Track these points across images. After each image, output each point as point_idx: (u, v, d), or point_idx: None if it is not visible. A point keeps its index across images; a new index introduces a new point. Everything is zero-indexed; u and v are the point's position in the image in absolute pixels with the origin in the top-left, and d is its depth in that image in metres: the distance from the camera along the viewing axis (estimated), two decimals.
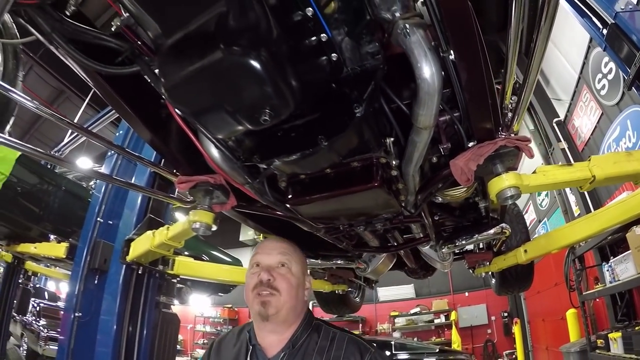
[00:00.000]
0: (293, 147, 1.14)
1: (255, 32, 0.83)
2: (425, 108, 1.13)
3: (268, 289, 1.42)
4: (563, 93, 7.87)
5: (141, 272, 3.22)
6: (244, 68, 0.84)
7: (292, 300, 1.45)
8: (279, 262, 1.49)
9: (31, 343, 10.35)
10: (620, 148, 5.70)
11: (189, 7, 0.86)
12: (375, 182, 1.36)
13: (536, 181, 1.60)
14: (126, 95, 1.34)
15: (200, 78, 0.90)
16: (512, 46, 1.07)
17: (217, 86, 0.91)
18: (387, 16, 1.02)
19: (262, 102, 0.93)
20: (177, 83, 0.94)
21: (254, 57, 0.83)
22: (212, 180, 1.54)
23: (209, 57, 0.86)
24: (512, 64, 1.12)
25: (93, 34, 1.12)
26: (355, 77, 1.17)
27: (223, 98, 0.95)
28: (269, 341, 1.46)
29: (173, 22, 0.90)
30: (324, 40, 1.07)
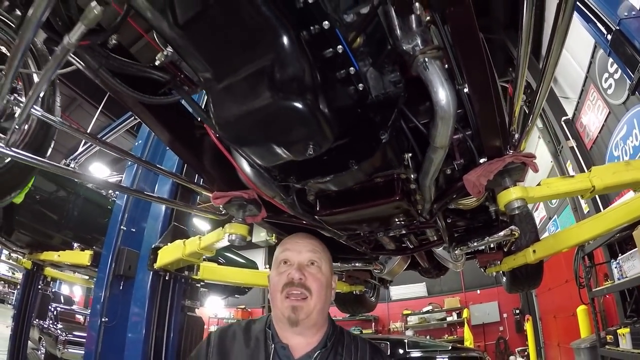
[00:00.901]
0: (327, 170, 1.29)
1: (298, 80, 0.98)
2: (441, 130, 1.28)
3: (299, 289, 1.37)
4: (571, 91, 7.93)
5: (168, 278, 3.39)
6: (291, 111, 1.00)
7: (321, 302, 1.40)
8: (309, 260, 1.44)
9: (49, 347, 10.55)
10: (628, 146, 5.78)
11: (239, 59, 1.01)
12: (397, 196, 1.51)
13: (540, 193, 1.74)
14: (166, 121, 1.48)
15: (249, 118, 1.05)
16: (519, 83, 1.21)
17: (266, 125, 1.07)
18: (408, 49, 1.13)
19: (307, 138, 1.09)
20: (228, 121, 1.10)
21: (298, 101, 0.98)
22: (246, 195, 1.70)
23: (258, 101, 1.01)
24: (519, 93, 1.26)
25: (137, 67, 1.23)
26: (379, 103, 1.32)
27: (271, 135, 1.10)
28: (295, 342, 1.39)
29: (225, 70, 1.05)
30: (352, 73, 1.22)
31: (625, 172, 1.77)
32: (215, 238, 2.31)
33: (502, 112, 1.39)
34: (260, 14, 0.91)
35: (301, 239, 1.53)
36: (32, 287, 6.63)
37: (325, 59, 1.14)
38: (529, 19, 1.10)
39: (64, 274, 7.57)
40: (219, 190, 1.75)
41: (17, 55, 0.87)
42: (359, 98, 1.29)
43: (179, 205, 3.60)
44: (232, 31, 0.96)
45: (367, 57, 1.29)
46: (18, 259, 6.62)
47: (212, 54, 1.03)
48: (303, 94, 0.98)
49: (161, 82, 1.28)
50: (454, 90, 1.19)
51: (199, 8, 0.90)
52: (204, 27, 0.94)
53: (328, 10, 1.02)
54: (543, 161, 9.89)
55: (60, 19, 0.95)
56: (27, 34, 0.81)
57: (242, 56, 1.00)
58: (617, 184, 1.79)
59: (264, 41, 0.96)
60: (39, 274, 6.69)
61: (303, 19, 1.02)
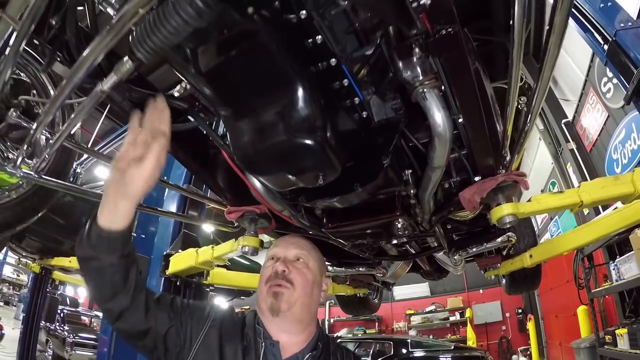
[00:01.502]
0: (334, 192, 1.42)
1: (309, 120, 1.10)
2: (439, 152, 1.39)
3: (282, 281, 1.37)
4: (571, 94, 8.03)
5: (179, 283, 3.53)
6: (303, 147, 1.12)
7: (306, 297, 1.40)
8: (295, 255, 1.47)
9: (57, 349, 10.68)
10: (626, 150, 5.88)
11: (256, 103, 1.14)
12: (397, 212, 1.64)
13: (531, 208, 1.86)
14: (183, 143, 1.58)
15: (264, 152, 1.18)
16: (509, 111, 1.32)
17: (280, 158, 1.19)
18: (408, 79, 1.21)
19: (318, 170, 1.21)
20: (244, 153, 1.23)
21: (310, 139, 1.11)
22: (257, 210, 1.82)
23: (273, 138, 1.13)
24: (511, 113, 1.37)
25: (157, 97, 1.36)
26: (381, 128, 1.44)
27: (285, 167, 1.23)
28: (283, 340, 1.37)
29: (242, 111, 1.18)
30: (357, 102, 1.35)
31: (614, 187, 1.88)
32: (229, 249, 2.44)
33: (496, 133, 1.51)
34: (275, 64, 1.04)
35: (290, 237, 1.58)
36: (40, 291, 6.77)
37: (333, 91, 1.27)
38: (518, 56, 1.16)
39: (72, 278, 7.67)
40: (231, 205, 1.88)
41: (60, 98, 0.99)
42: (363, 124, 1.41)
43: (192, 219, 3.74)
44: (250, 79, 1.09)
45: (370, 86, 1.41)
46: (27, 263, 6.74)
47: (230, 98, 1.16)
48: (314, 132, 1.11)
49: (179, 110, 1.40)
50: (451, 117, 1.31)
51: (220, 60, 1.03)
52: (224, 75, 1.07)
53: (335, 51, 1.15)
54: (544, 163, 9.99)
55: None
56: (73, 83, 0.93)
57: (259, 101, 1.13)
58: (606, 198, 1.90)
59: (279, 88, 1.08)
60: (47, 278, 6.83)
61: (312, 57, 1.15)
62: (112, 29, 0.77)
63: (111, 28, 0.77)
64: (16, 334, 10.22)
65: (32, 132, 1.18)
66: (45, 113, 1.08)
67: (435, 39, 1.00)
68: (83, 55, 0.86)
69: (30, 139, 1.22)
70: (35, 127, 1.16)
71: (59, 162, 2.20)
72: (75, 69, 0.95)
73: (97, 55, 0.86)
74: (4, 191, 2.09)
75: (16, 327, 12.65)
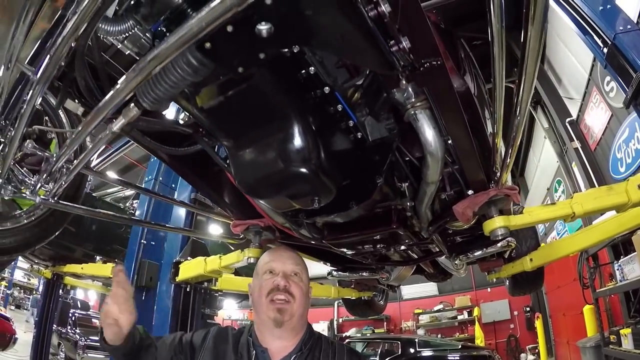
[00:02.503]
0: (331, 210, 1.50)
1: (304, 151, 1.19)
2: (432, 169, 1.47)
3: (284, 294, 1.49)
4: (575, 92, 8.00)
5: (188, 289, 3.63)
6: (298, 175, 1.21)
7: (302, 308, 1.54)
8: (292, 271, 1.57)
9: (69, 352, 10.81)
10: (630, 149, 5.88)
11: (254, 136, 1.23)
12: (393, 225, 1.72)
13: (522, 220, 1.92)
14: (189, 164, 1.70)
15: (264, 180, 1.27)
16: (497, 125, 1.38)
17: (278, 185, 1.28)
18: (400, 100, 1.28)
19: (313, 194, 1.30)
20: (246, 180, 1.32)
21: (305, 168, 1.19)
22: (261, 223, 1.91)
23: (271, 167, 1.22)
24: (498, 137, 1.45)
25: (163, 124, 1.44)
26: (376, 147, 1.52)
27: (282, 192, 1.32)
28: (276, 346, 1.51)
29: (242, 143, 1.28)
30: (351, 125, 1.42)
31: (607, 197, 1.93)
32: (235, 259, 2.54)
33: (487, 149, 1.58)
34: (270, 102, 1.13)
35: (284, 252, 1.67)
36: (52, 296, 6.92)
37: (328, 116, 1.34)
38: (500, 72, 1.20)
39: (83, 282, 7.80)
40: (237, 219, 1.97)
41: (81, 137, 1.09)
42: (358, 144, 1.48)
43: (199, 234, 3.85)
44: (247, 115, 1.18)
45: (364, 107, 1.48)
46: (40, 270, 6.89)
47: (230, 132, 1.26)
48: (308, 162, 1.19)
49: (185, 135, 1.49)
50: (441, 137, 1.38)
51: (218, 99, 1.12)
52: (223, 112, 1.16)
53: (328, 81, 1.22)
54: (550, 161, 9.97)
55: None
56: (93, 125, 1.03)
57: (256, 134, 1.22)
58: (599, 209, 1.95)
59: (274, 123, 1.18)
60: (59, 283, 7.00)
61: (307, 86, 1.23)
62: (136, 75, 0.85)
63: (136, 74, 0.85)
64: (27, 337, 10.41)
65: (53, 164, 1.28)
66: (66, 148, 1.18)
67: (420, 72, 1.07)
68: (105, 100, 0.95)
69: (50, 170, 1.31)
70: (55, 160, 1.26)
71: (72, 185, 2.30)
72: (96, 113, 1.04)
73: (121, 100, 0.94)
74: (23, 214, 2.20)
75: (28, 330, 12.88)
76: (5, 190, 1.38)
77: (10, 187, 1.44)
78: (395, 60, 0.99)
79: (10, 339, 9.58)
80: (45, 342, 6.78)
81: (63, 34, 0.78)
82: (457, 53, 2.01)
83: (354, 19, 0.88)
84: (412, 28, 0.93)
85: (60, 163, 1.28)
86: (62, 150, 1.24)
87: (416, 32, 0.94)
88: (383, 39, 0.93)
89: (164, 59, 0.78)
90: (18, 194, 1.49)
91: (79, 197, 2.43)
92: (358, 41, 0.94)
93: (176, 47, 0.76)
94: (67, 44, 0.79)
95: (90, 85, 1.21)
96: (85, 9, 0.73)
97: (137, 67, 0.82)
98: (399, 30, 0.92)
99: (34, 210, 2.27)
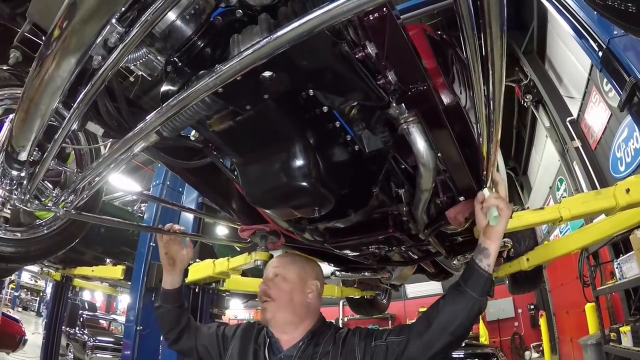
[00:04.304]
0: (330, 217, 1.61)
1: (305, 168, 1.31)
2: (425, 178, 1.57)
3: (264, 297, 1.71)
4: (575, 91, 8.06)
5: (197, 290, 3.77)
6: (300, 189, 1.33)
7: (287, 304, 1.69)
8: (273, 273, 1.78)
9: (77, 352, 10.95)
10: (629, 149, 5.94)
11: (260, 154, 1.36)
12: (390, 229, 1.84)
13: (512, 224, 2.02)
14: (202, 178, 1.84)
15: (268, 193, 1.40)
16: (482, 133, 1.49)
17: (281, 197, 1.41)
18: (394, 114, 1.37)
19: (314, 205, 1.42)
20: (253, 193, 1.44)
21: (306, 182, 1.31)
22: (267, 228, 2.03)
23: (275, 181, 1.35)
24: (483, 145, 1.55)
25: (176, 140, 1.52)
26: (372, 158, 1.63)
27: (286, 203, 1.45)
28: (285, 338, 1.69)
29: (249, 160, 1.41)
30: (349, 139, 1.54)
31: (595, 202, 2.03)
32: (242, 261, 2.67)
33: (476, 157, 1.69)
34: (275, 125, 1.26)
35: (272, 260, 1.93)
36: (62, 298, 7.05)
37: (327, 131, 1.46)
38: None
39: (91, 284, 7.93)
40: (243, 224, 2.09)
41: (106, 163, 1.22)
42: (355, 156, 1.60)
43: (207, 238, 3.99)
44: (255, 137, 1.31)
45: (361, 122, 1.59)
46: (49, 272, 7.02)
47: (238, 151, 1.40)
48: (309, 177, 1.31)
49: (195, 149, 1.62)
50: (433, 149, 1.49)
51: (228, 124, 1.25)
52: (231, 134, 1.29)
53: (326, 103, 1.34)
54: (552, 160, 10.03)
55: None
56: (121, 153, 1.16)
57: (262, 152, 1.36)
58: (587, 213, 2.05)
59: (279, 143, 1.30)
60: (68, 285, 7.13)
61: (306, 106, 1.35)
62: (162, 114, 0.98)
63: (162, 114, 0.98)
64: (35, 339, 10.59)
65: (78, 182, 1.41)
66: (91, 170, 1.31)
67: (408, 96, 1.19)
68: (133, 132, 1.08)
69: (75, 187, 1.44)
70: (81, 179, 1.38)
71: (91, 196, 2.45)
72: (124, 143, 1.16)
73: (147, 133, 1.07)
74: (43, 223, 2.33)
75: (36, 332, 13.09)
76: (32, 204, 1.50)
77: (36, 202, 1.56)
78: (383, 92, 1.11)
79: (20, 341, 9.74)
80: (55, 344, 6.92)
81: (99, 73, 0.90)
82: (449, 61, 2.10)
83: (343, 63, 1.00)
84: (398, 61, 1.05)
85: (85, 182, 1.41)
86: (88, 171, 1.36)
87: (402, 64, 1.06)
88: (371, 76, 1.06)
89: (188, 103, 0.91)
90: (42, 207, 1.61)
91: (97, 207, 2.57)
92: (347, 81, 1.07)
93: (198, 94, 0.89)
94: (105, 81, 0.91)
95: (109, 109, 1.35)
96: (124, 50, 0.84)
97: (162, 109, 0.95)
98: (384, 66, 1.04)
99: (53, 221, 2.41)
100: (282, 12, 0.92)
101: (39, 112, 1.06)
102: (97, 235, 5.84)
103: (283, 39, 0.71)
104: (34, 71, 0.94)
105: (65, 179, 2.36)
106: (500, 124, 1.16)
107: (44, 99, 1.00)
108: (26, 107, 1.07)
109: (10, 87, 2.19)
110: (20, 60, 1.48)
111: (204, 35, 1.07)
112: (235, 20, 1.06)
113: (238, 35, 1.00)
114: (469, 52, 0.83)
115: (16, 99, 2.18)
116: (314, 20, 0.67)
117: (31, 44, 1.49)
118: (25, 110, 1.08)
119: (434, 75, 1.44)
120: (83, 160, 2.40)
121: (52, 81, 0.94)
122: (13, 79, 2.15)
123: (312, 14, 0.68)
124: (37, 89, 0.97)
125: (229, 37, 1.05)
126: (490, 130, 1.28)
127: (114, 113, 1.39)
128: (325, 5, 0.65)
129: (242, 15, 1.06)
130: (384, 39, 0.96)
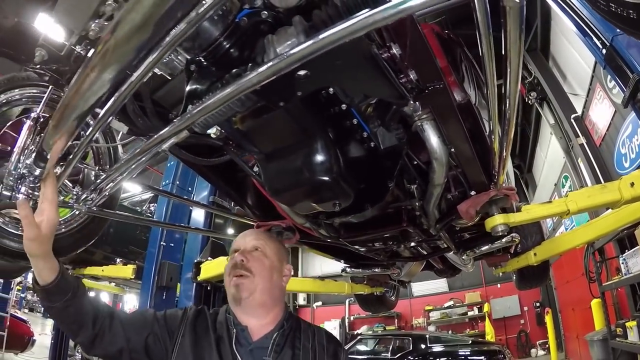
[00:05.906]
0: (348, 211, 1.68)
1: (326, 163, 1.38)
2: (437, 173, 1.64)
3: (242, 270, 1.47)
4: (579, 88, 8.09)
5: (209, 288, 3.84)
6: (322, 183, 1.39)
7: (265, 283, 1.50)
8: (252, 246, 1.57)
9: None
10: (634, 144, 5.98)
11: (283, 151, 1.43)
12: (404, 223, 1.90)
13: (521, 218, 2.08)
14: (221, 175, 1.91)
15: (290, 189, 1.47)
16: (494, 129, 1.55)
17: (303, 192, 1.47)
18: (409, 112, 1.43)
19: (334, 199, 1.48)
20: (275, 186, 1.51)
21: (327, 176, 1.38)
22: (283, 224, 2.09)
23: (298, 177, 1.41)
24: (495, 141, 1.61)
25: (197, 138, 1.55)
26: (387, 154, 1.69)
27: (307, 198, 1.51)
28: (254, 325, 1.49)
29: (271, 157, 1.47)
30: (365, 136, 1.60)
31: (600, 195, 2.08)
32: None
33: (487, 153, 1.75)
34: (298, 122, 1.32)
35: (248, 231, 1.70)
36: None
37: (345, 128, 1.53)
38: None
39: (99, 284, 7.96)
40: (259, 220, 2.15)
41: (134, 160, 1.28)
42: (372, 152, 1.66)
43: (218, 234, 4.06)
44: (279, 134, 1.38)
45: (377, 119, 1.66)
46: None
47: (262, 147, 1.46)
48: (330, 172, 1.38)
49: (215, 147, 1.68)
50: (446, 145, 1.55)
51: (254, 122, 1.31)
52: (257, 131, 1.36)
53: (345, 101, 1.41)
54: (557, 157, 10.05)
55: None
56: (147, 153, 1.22)
57: (285, 149, 1.42)
58: (593, 206, 2.10)
59: (302, 140, 1.37)
60: None
61: (327, 104, 1.42)
62: (198, 111, 1.04)
63: (198, 109, 1.04)
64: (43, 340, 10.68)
65: (101, 180, 1.48)
66: (115, 170, 1.38)
67: (425, 94, 1.25)
68: (167, 129, 1.14)
69: (97, 185, 1.51)
70: (105, 177, 1.45)
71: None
72: (156, 139, 1.23)
73: (181, 130, 1.14)
74: (63, 222, 2.41)
75: (42, 332, 13.20)
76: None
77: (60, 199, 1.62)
78: (405, 90, 1.18)
79: (29, 341, 9.83)
80: (64, 344, 7.01)
81: (131, 80, 0.96)
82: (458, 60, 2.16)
83: (373, 63, 1.07)
84: (418, 61, 1.11)
85: (109, 180, 1.47)
86: (113, 168, 1.43)
87: (422, 64, 1.12)
88: (394, 74, 1.12)
89: (228, 99, 0.97)
90: (65, 205, 1.67)
91: (115, 205, 2.63)
92: (375, 80, 1.14)
93: (239, 91, 0.95)
94: (137, 85, 0.97)
95: (135, 109, 1.42)
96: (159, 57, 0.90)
97: (197, 106, 1.02)
98: (406, 65, 1.11)
99: (71, 219, 2.48)
100: (317, 15, 0.97)
101: (76, 116, 1.12)
102: (107, 235, 5.88)
103: (326, 41, 0.77)
104: (78, 77, 0.99)
105: (83, 177, 2.42)
106: (514, 121, 1.22)
107: (82, 104, 1.05)
108: (63, 111, 1.12)
109: (30, 86, 2.26)
110: (45, 58, 1.52)
111: (231, 36, 1.12)
112: (261, 21, 1.11)
113: (272, 36, 1.05)
114: (484, 50, 0.89)
115: (35, 98, 2.25)
116: (357, 24, 0.74)
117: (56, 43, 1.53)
118: (62, 113, 1.13)
119: (446, 74, 1.50)
120: (102, 159, 2.46)
121: (92, 89, 0.99)
122: (36, 78, 2.21)
123: (355, 18, 0.74)
124: (75, 95, 1.02)
125: (255, 37, 1.11)
126: (504, 127, 1.35)
127: (139, 112, 1.46)
128: (368, 11, 0.71)
129: (267, 17, 1.11)
130: (406, 40, 1.03)
